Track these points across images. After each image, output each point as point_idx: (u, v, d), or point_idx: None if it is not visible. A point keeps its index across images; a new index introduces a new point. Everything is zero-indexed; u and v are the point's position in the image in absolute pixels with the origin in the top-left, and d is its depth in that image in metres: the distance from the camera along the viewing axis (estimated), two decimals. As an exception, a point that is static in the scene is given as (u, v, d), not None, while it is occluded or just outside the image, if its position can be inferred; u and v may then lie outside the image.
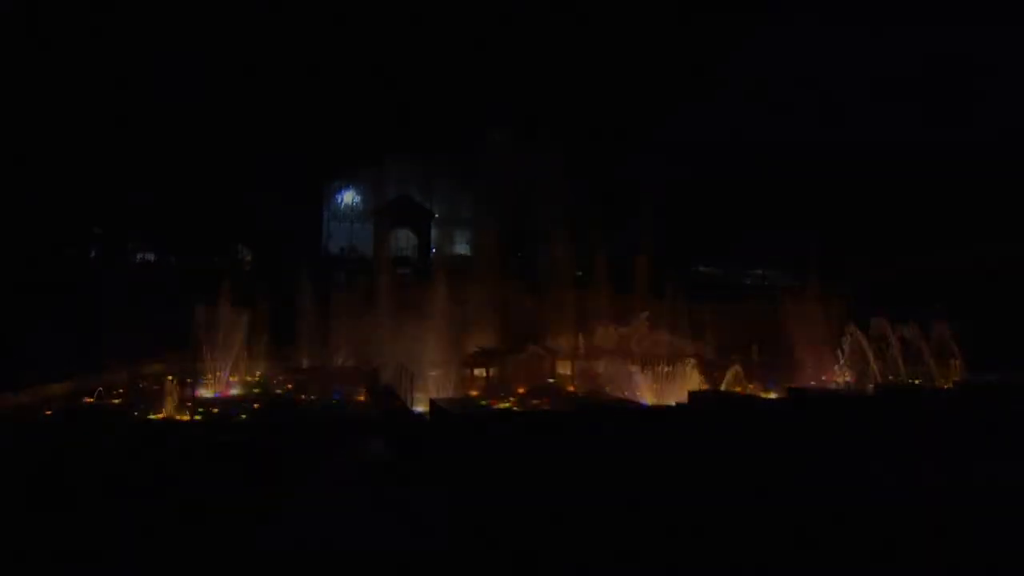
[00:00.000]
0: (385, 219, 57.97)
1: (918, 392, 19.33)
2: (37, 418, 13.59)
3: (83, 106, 42.42)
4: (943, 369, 21.17)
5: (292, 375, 20.89)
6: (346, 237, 60.58)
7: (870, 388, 19.46)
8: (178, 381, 15.56)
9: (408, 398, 15.15)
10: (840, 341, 21.52)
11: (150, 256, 51.06)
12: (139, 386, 18.02)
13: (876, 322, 21.64)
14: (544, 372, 21.59)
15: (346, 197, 63.34)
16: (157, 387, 15.92)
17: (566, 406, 16.33)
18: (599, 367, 20.63)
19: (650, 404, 16.51)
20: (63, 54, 42.41)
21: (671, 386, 17.50)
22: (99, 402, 15.58)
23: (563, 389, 19.35)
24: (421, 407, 14.95)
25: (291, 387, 19.21)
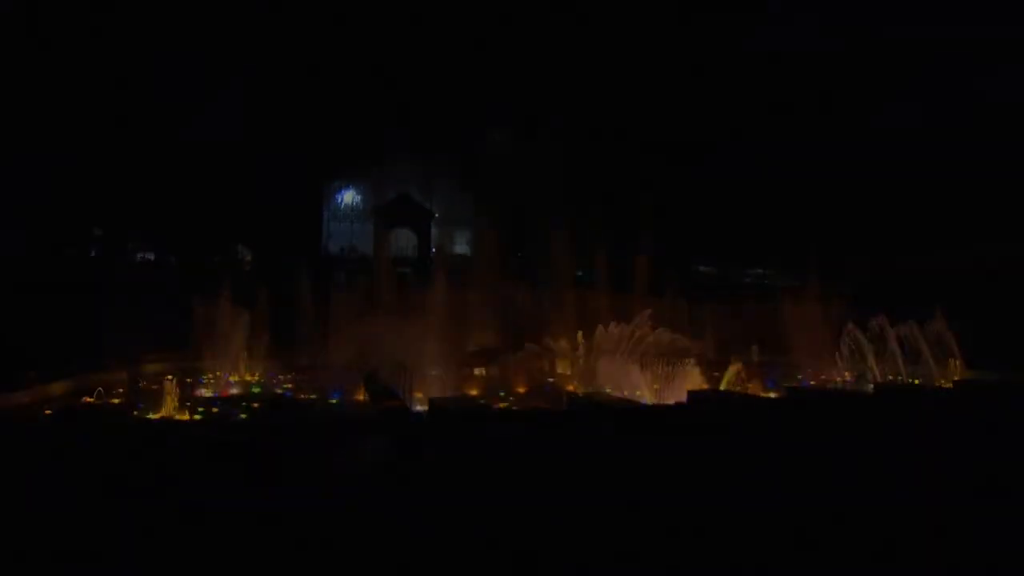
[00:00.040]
0: (385, 219, 58.03)
1: (918, 392, 19.34)
2: (37, 418, 13.59)
3: (83, 106, 42.45)
4: (943, 369, 21.19)
5: (292, 375, 20.89)
6: (346, 237, 60.64)
7: (870, 388, 19.48)
8: (178, 381, 15.55)
9: (408, 398, 15.16)
10: (840, 341, 21.54)
11: (150, 256, 51.15)
12: (139, 386, 17.99)
13: (876, 322, 21.68)
14: (544, 372, 21.54)
15: (346, 197, 63.38)
16: (157, 387, 15.89)
17: (566, 406, 16.32)
18: (599, 367, 20.62)
19: (650, 404, 16.51)
20: (63, 54, 42.45)
21: (671, 386, 17.46)
22: (99, 402, 15.56)
23: (563, 389, 19.31)
24: (421, 407, 14.96)
25: (291, 387, 19.21)
